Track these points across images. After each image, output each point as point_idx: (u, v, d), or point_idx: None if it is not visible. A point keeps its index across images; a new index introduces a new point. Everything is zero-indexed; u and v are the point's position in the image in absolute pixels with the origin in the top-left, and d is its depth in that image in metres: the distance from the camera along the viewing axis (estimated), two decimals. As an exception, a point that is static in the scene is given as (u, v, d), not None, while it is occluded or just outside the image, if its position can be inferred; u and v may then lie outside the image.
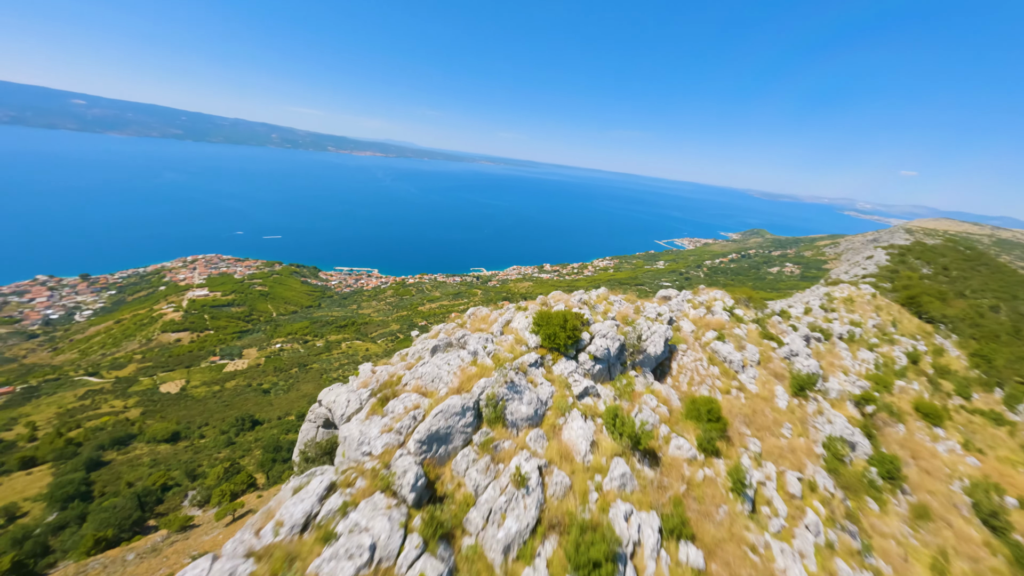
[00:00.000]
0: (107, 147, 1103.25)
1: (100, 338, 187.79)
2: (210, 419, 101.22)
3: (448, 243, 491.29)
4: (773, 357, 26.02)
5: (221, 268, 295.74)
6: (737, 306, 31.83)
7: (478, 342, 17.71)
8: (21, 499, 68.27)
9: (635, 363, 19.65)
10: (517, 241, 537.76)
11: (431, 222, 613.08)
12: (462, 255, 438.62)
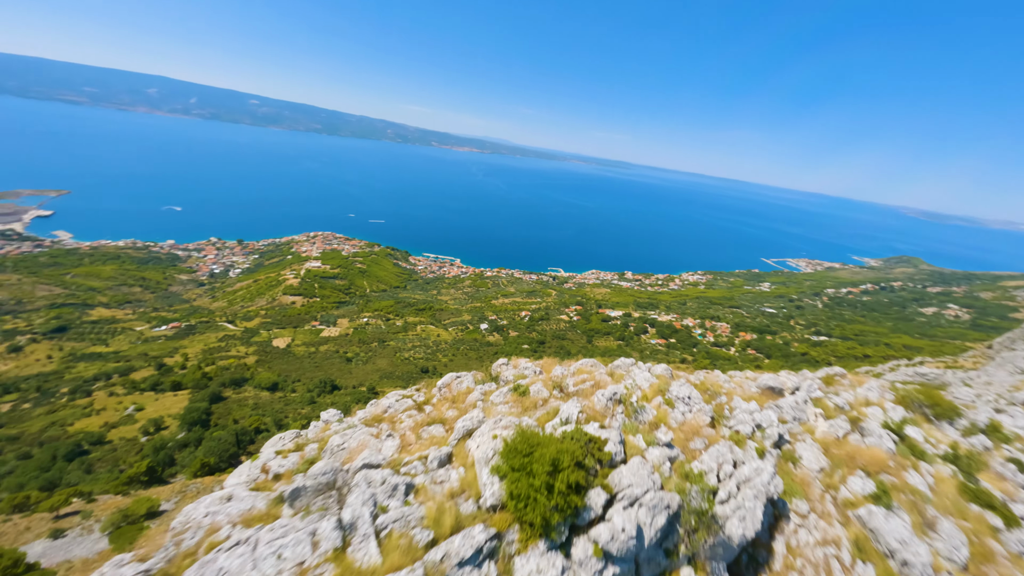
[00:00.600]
0: (267, 139, 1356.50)
1: (241, 293, 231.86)
2: (302, 376, 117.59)
3: (529, 240, 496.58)
4: (996, 552, 11.64)
5: (333, 244, 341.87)
6: (910, 421, 16.46)
7: (373, 495, 9.37)
8: (167, 414, 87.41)
9: (699, 553, 9.66)
10: (599, 244, 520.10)
11: (515, 218, 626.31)
12: (541, 253, 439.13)
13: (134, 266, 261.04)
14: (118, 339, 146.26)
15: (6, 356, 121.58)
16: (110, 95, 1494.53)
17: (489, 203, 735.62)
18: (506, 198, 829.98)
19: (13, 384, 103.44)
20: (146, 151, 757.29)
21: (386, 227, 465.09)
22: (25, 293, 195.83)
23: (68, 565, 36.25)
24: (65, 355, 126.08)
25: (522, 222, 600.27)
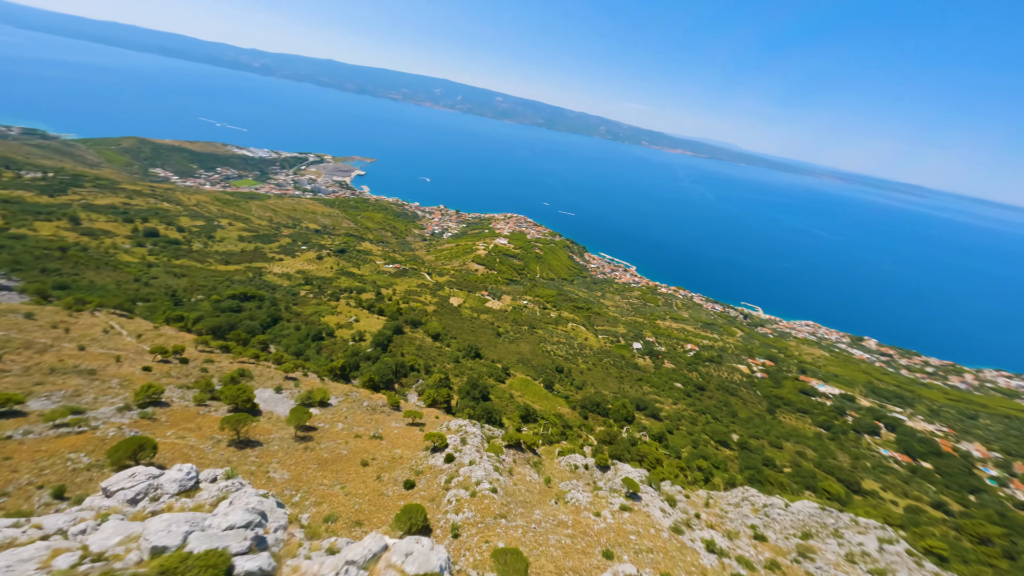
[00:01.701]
0: (499, 129, 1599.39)
1: (445, 252, 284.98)
2: (459, 335, 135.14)
3: (724, 264, 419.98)
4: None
5: (522, 227, 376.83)
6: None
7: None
8: (368, 331, 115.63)
9: None
10: (830, 291, 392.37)
11: (715, 235, 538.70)
12: (737, 283, 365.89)
13: (392, 217, 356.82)
14: (366, 266, 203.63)
15: (313, 261, 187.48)
16: (414, 94, 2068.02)
17: (688, 213, 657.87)
18: (711, 211, 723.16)
19: (310, 279, 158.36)
20: (422, 134, 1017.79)
21: (573, 220, 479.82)
22: (336, 223, 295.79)
23: (269, 415, 51.62)
24: (339, 268, 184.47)
25: (723, 241, 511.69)
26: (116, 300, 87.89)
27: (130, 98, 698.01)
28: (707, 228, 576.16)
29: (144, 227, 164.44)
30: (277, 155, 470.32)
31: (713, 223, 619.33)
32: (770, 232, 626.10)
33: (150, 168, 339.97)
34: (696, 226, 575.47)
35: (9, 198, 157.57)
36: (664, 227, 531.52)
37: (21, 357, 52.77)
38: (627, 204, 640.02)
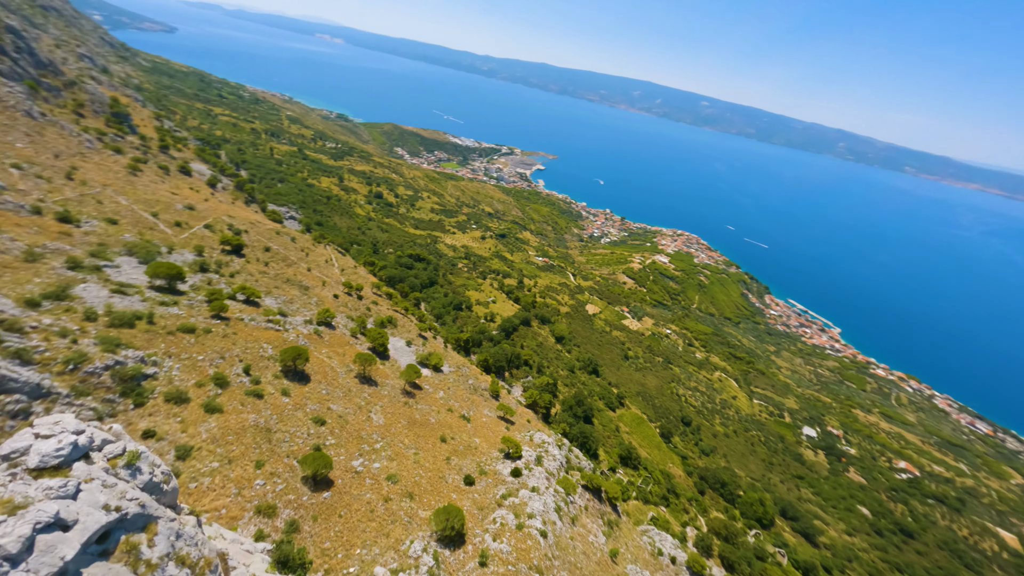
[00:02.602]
0: (696, 137, 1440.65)
1: (597, 258, 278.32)
2: (583, 344, 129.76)
3: (1011, 362, 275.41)
4: None
5: (691, 248, 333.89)
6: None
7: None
8: (500, 315, 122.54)
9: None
10: None
11: (1004, 318, 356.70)
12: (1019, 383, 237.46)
13: (557, 213, 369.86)
14: (519, 254, 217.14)
15: (478, 239, 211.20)
16: (611, 96, 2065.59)
17: (962, 279, 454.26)
18: (1005, 282, 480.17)
19: (470, 255, 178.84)
20: (607, 136, 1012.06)
21: (764, 253, 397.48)
22: (507, 210, 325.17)
23: (393, 363, 59.79)
24: (495, 250, 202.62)
25: (1016, 331, 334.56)
26: (340, 240, 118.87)
27: (396, 93, 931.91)
28: (993, 306, 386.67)
29: (375, 190, 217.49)
30: (479, 145, 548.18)
31: (999, 298, 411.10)
32: None
33: (394, 147, 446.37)
34: (973, 300, 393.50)
35: (313, 158, 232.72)
36: (908, 288, 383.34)
37: (278, 266, 76.06)
38: (851, 247, 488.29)
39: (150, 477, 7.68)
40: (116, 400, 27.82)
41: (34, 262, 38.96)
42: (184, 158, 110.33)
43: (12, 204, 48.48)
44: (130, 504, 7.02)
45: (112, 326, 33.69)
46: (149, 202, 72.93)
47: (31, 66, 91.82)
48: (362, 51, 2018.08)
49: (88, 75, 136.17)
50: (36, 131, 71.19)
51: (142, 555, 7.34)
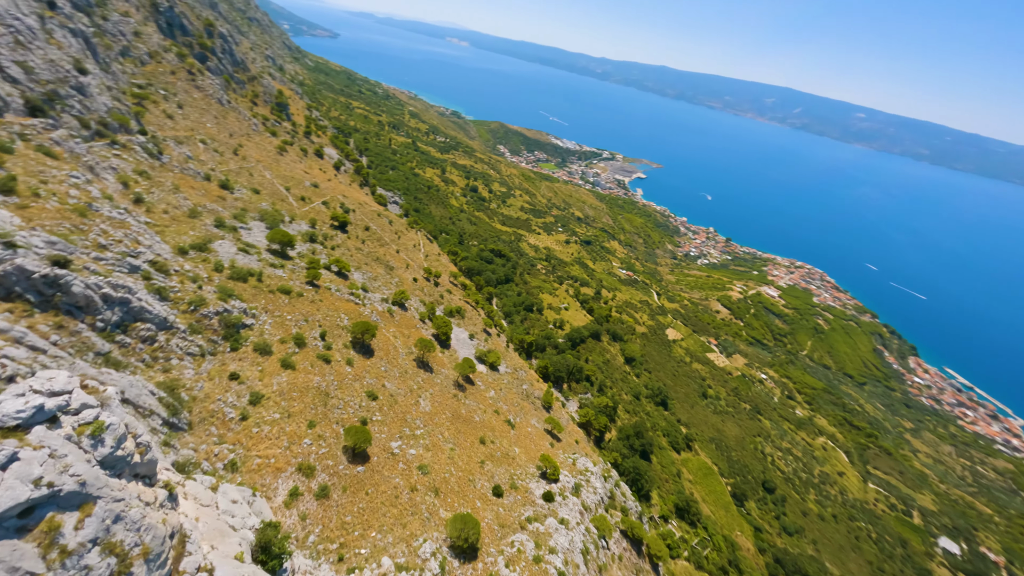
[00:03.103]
0: (844, 157, 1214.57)
1: (690, 280, 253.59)
2: (656, 371, 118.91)
3: None
4: None
5: (811, 285, 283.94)
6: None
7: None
8: (570, 323, 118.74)
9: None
10: None
11: None
12: None
13: (651, 225, 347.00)
14: (602, 263, 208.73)
15: (561, 243, 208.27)
16: (738, 103, 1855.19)
17: None
18: None
19: (551, 258, 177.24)
20: (722, 146, 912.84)
21: (915, 305, 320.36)
22: (598, 216, 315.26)
23: (452, 353, 61.37)
24: (577, 256, 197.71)
25: None
26: (431, 227, 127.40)
27: (508, 93, 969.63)
28: None
29: (472, 184, 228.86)
30: (579, 148, 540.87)
31: None
32: None
33: (497, 145, 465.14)
34: None
35: (423, 150, 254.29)
36: None
37: (372, 245, 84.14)
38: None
39: (112, 451, 8.02)
40: (218, 342, 32.79)
41: (194, 218, 48.65)
42: (320, 143, 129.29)
43: (192, 171, 61.63)
44: (68, 481, 7.27)
45: (231, 279, 40.11)
46: (286, 178, 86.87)
47: (229, 64, 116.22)
48: (484, 53, 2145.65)
49: (267, 72, 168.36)
50: (221, 115, 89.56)
51: (60, 538, 7.27)
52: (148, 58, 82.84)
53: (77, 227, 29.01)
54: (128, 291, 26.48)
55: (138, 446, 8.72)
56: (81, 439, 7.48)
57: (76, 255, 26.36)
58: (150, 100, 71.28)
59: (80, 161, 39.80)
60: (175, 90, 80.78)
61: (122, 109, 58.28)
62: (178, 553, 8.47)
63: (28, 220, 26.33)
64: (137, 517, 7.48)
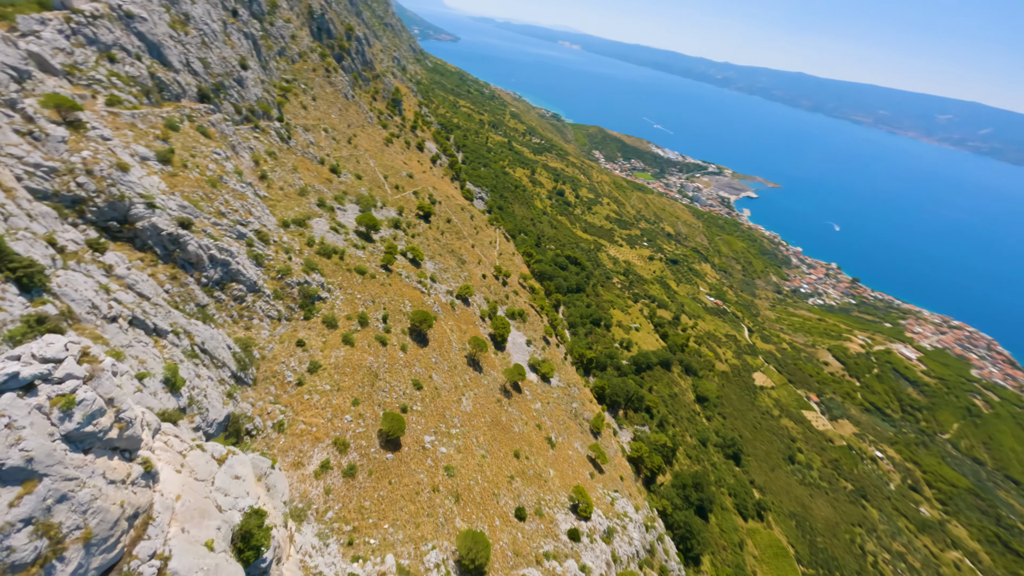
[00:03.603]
0: None
1: (796, 320, 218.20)
2: (731, 419, 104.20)
3: None
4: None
5: (970, 353, 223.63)
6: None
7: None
8: (638, 345, 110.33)
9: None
10: None
11: None
12: None
13: (755, 252, 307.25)
14: (687, 286, 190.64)
15: (644, 259, 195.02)
16: (895, 118, 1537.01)
17: None
18: None
19: (629, 272, 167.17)
20: (863, 169, 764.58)
21: None
22: (691, 235, 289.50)
23: (505, 356, 60.61)
24: (660, 275, 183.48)
25: None
26: (510, 226, 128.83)
27: (613, 98, 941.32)
28: None
29: (559, 187, 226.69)
30: (682, 159, 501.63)
31: None
32: None
33: (592, 150, 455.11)
34: None
35: (517, 150, 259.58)
36: None
37: (450, 237, 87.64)
38: None
39: (79, 427, 8.28)
40: (295, 309, 36.32)
41: (302, 196, 55.37)
42: (423, 137, 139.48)
43: (311, 155, 70.62)
44: (15, 455, 7.47)
45: (318, 253, 44.48)
46: (386, 167, 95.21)
47: (359, 63, 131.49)
48: (594, 57, 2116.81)
49: (390, 71, 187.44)
50: (345, 107, 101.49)
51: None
52: (298, 57, 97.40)
53: (207, 195, 34.31)
54: (230, 254, 30.41)
55: (118, 421, 9.14)
56: (52, 411, 7.91)
57: (199, 219, 31.04)
58: (292, 92, 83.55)
59: (226, 140, 47.60)
60: (312, 85, 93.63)
61: (268, 99, 69.09)
62: (137, 535, 8.72)
63: (172, 186, 31.76)
64: (86, 499, 7.65)
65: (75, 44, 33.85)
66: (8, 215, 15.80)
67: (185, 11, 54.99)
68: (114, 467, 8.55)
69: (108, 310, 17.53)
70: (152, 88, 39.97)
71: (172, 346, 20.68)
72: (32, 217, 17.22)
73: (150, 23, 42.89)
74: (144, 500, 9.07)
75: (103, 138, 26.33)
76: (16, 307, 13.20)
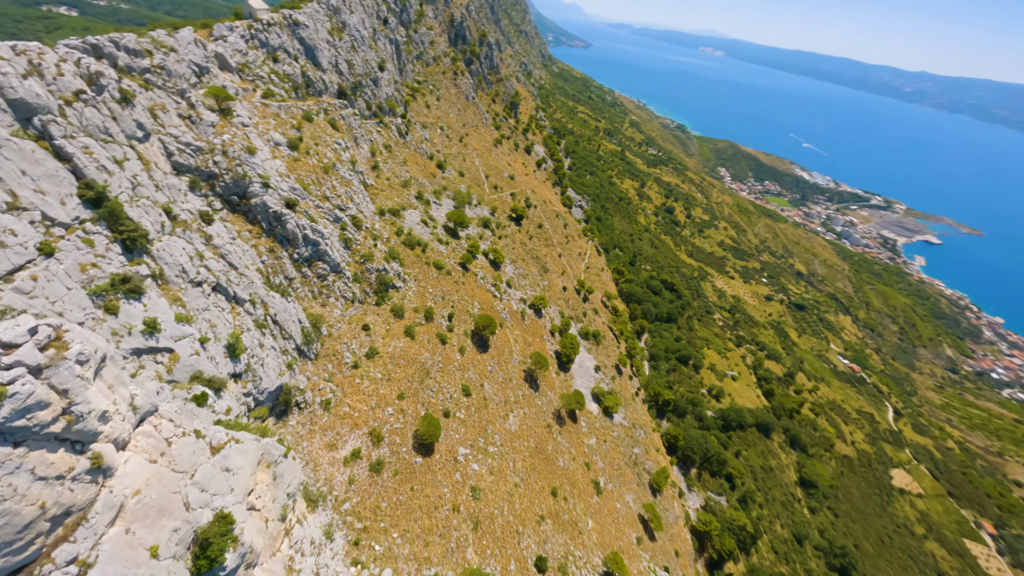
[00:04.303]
0: None
1: (974, 414, 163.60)
2: (843, 516, 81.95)
3: None
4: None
5: None
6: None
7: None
8: (732, 397, 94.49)
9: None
10: None
11: None
12: None
13: (924, 312, 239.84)
14: (813, 340, 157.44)
15: (760, 296, 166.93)
16: None
17: None
18: None
19: (737, 310, 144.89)
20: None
21: None
22: (830, 277, 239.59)
23: (566, 378, 56.57)
24: (777, 320, 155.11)
25: None
26: (605, 239, 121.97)
27: (755, 110, 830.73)
28: None
29: (669, 204, 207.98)
30: (835, 186, 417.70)
31: None
32: None
33: (718, 167, 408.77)
34: None
35: (629, 160, 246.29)
36: None
37: (537, 243, 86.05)
38: None
39: (4, 421, 8.10)
40: (369, 294, 38.43)
41: (404, 188, 59.46)
42: (533, 141, 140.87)
43: (423, 150, 75.98)
44: None
45: (403, 244, 46.81)
46: (490, 166, 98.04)
47: (486, 67, 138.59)
48: (739, 64, 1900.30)
49: (515, 76, 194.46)
50: (464, 108, 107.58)
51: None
52: (432, 61, 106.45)
53: (318, 180, 38.25)
54: (321, 236, 33.19)
55: (67, 414, 9.17)
56: (1, 402, 8.04)
57: (305, 200, 34.53)
58: (420, 92, 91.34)
59: (351, 132, 53.28)
60: (439, 86, 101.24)
61: (396, 98, 76.38)
62: (63, 536, 8.63)
63: (291, 170, 35.95)
64: (25, 485, 7.51)
65: (250, 47, 40.71)
66: (136, 184, 19.13)
67: (343, 20, 63.49)
68: (52, 461, 8.64)
69: (196, 275, 20.02)
70: (301, 84, 46.44)
71: (246, 314, 22.96)
72: (159, 187, 20.66)
73: (311, 29, 49.98)
74: (83, 498, 9.10)
75: (243, 124, 30.92)
76: (114, 265, 15.60)
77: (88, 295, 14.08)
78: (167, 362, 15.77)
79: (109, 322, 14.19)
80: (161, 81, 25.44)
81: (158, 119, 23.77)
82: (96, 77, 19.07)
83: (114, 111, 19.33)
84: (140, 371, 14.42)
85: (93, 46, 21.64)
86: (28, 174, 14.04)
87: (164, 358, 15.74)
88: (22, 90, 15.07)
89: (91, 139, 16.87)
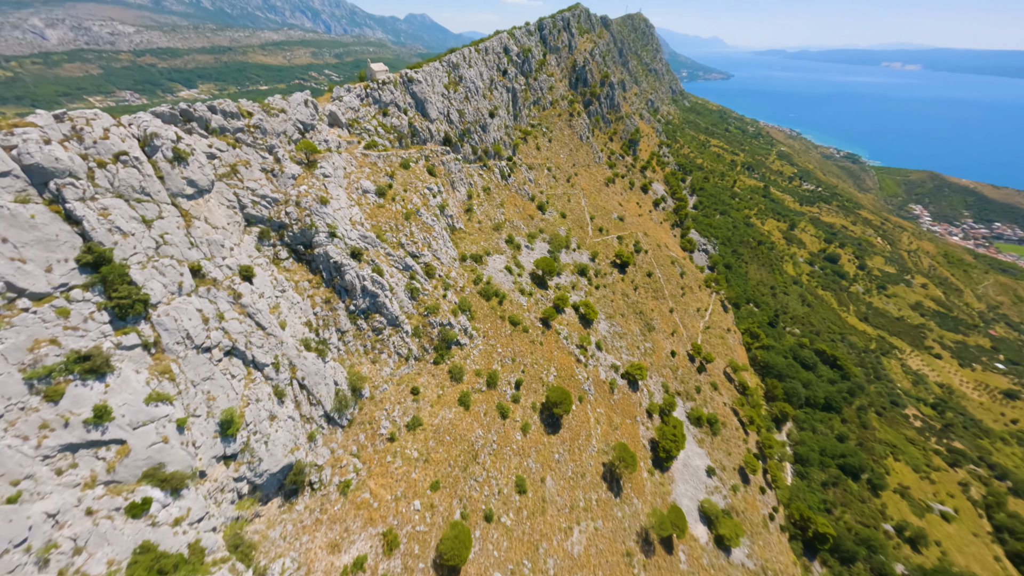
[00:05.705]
0: None
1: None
2: None
3: None
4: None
5: None
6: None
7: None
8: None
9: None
10: None
11: None
12: None
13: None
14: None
15: (993, 391, 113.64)
16: None
17: None
18: None
19: (946, 405, 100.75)
20: None
21: None
22: None
23: (663, 480, 43.13)
24: None
25: None
26: (734, 293, 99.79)
27: (966, 132, 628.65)
28: None
29: (831, 251, 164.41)
30: None
31: None
32: None
33: (909, 203, 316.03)
34: None
35: (775, 198, 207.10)
36: None
37: (644, 295, 73.79)
38: None
39: None
40: (428, 351, 34.81)
41: (496, 231, 56.80)
42: (652, 178, 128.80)
43: (524, 192, 73.81)
44: None
45: (479, 294, 42.87)
46: (597, 207, 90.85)
47: (606, 107, 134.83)
48: (941, 76, 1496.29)
49: (638, 113, 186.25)
50: (576, 148, 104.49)
51: None
52: (549, 105, 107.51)
53: (396, 227, 37.37)
54: (380, 287, 31.07)
55: None
56: None
57: (375, 248, 33.34)
58: (532, 135, 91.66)
59: (449, 177, 53.62)
60: (552, 127, 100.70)
61: (504, 141, 77.07)
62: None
63: (371, 216, 35.62)
64: None
65: (363, 104, 43.84)
66: (162, 243, 18.97)
67: (461, 74, 67.17)
68: None
69: (205, 340, 18.63)
70: (406, 134, 48.51)
71: (263, 381, 20.91)
72: (194, 244, 20.55)
73: (424, 84, 52.82)
74: None
75: (324, 175, 31.59)
76: (88, 338, 14.49)
77: (24, 380, 12.88)
78: (111, 457, 13.65)
79: (42, 412, 12.63)
80: (251, 139, 27.32)
81: (238, 174, 24.96)
82: (151, 138, 20.39)
83: (163, 170, 20.25)
84: (68, 471, 12.35)
85: (183, 111, 24.04)
86: (11, 241, 13.95)
87: (109, 452, 13.68)
88: (39, 155, 15.74)
89: (120, 199, 17.26)
